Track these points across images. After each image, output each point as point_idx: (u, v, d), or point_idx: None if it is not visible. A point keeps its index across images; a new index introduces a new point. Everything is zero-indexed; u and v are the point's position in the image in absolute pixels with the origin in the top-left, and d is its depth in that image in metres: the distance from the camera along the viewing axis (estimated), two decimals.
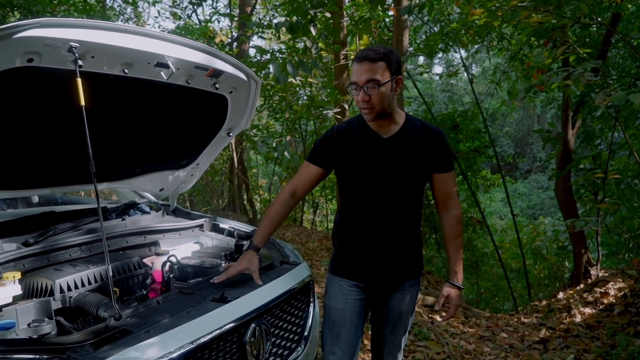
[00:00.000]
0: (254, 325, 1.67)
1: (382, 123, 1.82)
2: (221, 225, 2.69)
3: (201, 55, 1.92)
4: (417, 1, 4.17)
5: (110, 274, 1.56)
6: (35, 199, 3.06)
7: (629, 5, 5.23)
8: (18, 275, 1.72)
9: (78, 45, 1.48)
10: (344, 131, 1.89)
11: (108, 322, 1.48)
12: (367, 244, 1.89)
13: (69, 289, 1.75)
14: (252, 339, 1.65)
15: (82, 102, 1.47)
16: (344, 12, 5.18)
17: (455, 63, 19.44)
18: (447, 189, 1.89)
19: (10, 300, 1.71)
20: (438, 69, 21.72)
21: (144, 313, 1.57)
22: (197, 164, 2.67)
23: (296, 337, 1.97)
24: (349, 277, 1.92)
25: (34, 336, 1.53)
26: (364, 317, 1.97)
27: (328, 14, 4.36)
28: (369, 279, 1.91)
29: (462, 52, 8.82)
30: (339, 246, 1.97)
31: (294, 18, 4.23)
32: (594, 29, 5.95)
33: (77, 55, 1.49)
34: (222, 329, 1.53)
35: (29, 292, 1.76)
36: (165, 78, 1.85)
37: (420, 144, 1.82)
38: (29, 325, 1.56)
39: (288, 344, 1.92)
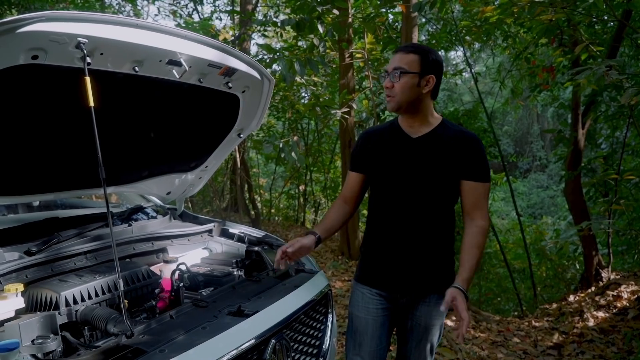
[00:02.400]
0: (274, 341, 1.56)
1: (413, 122, 1.78)
2: (231, 230, 2.57)
3: (214, 53, 1.81)
4: None
5: (122, 287, 1.45)
6: (36, 203, 2.94)
7: None
8: (21, 287, 1.60)
9: (87, 40, 1.37)
10: (373, 133, 1.89)
11: (119, 340, 1.37)
12: (389, 251, 1.80)
13: (75, 302, 1.63)
14: (272, 356, 1.54)
15: (91, 103, 1.36)
16: (351, 9, 5.07)
17: (454, 62, 19.37)
18: (476, 198, 1.75)
19: (12, 314, 1.59)
20: None
21: (157, 329, 1.46)
22: (206, 167, 2.56)
23: (315, 351, 1.87)
24: (371, 285, 1.85)
25: (39, 354, 1.43)
26: (389, 328, 1.88)
27: (336, 11, 4.24)
28: (391, 287, 1.83)
29: (466, 50, 8.71)
30: (365, 253, 1.91)
31: (299, 16, 4.12)
32: (599, 27, 5.85)
33: (85, 51, 1.37)
34: (242, 347, 1.43)
35: (32, 305, 1.64)
36: (178, 77, 1.74)
37: (451, 147, 1.73)
38: (33, 341, 1.45)
39: (307, 359, 1.81)
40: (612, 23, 4.91)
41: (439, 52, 10.31)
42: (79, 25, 1.34)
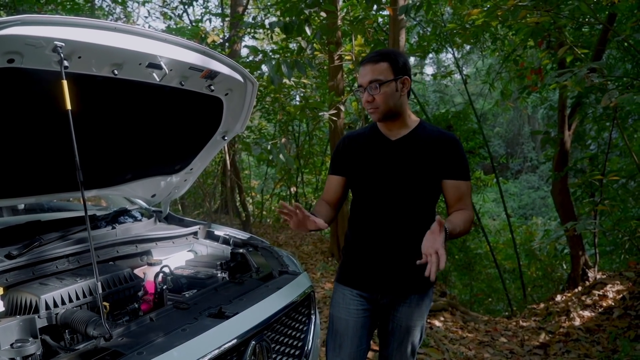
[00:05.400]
0: (254, 342, 1.57)
1: (392, 125, 1.80)
2: (216, 233, 2.58)
3: (196, 56, 1.81)
4: (413, 1, 4.09)
5: (100, 290, 1.45)
6: (21, 206, 2.93)
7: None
8: (0, 290, 1.60)
9: (63, 44, 1.37)
10: (354, 137, 1.90)
11: (97, 342, 1.38)
12: (371, 252, 1.82)
13: (56, 305, 1.63)
14: (252, 358, 1.55)
15: (68, 106, 1.36)
16: (339, 12, 5.09)
17: (446, 64, 19.48)
18: (460, 196, 1.77)
19: None
20: (428, 70, 21.74)
21: (136, 332, 1.46)
22: (191, 169, 2.56)
23: (297, 352, 1.88)
24: (352, 286, 1.87)
25: (18, 358, 1.43)
26: (369, 329, 1.89)
27: (323, 14, 4.26)
28: (372, 288, 1.85)
29: (455, 52, 8.77)
30: (346, 254, 1.93)
31: (288, 18, 4.14)
32: (587, 29, 5.93)
33: (62, 55, 1.37)
34: (221, 349, 1.43)
35: (12, 309, 1.64)
36: (158, 80, 1.74)
37: (431, 148, 1.76)
38: (11, 345, 1.45)
39: None
40: (599, 26, 4.97)
41: (429, 55, 10.33)
42: (56, 29, 1.35)
